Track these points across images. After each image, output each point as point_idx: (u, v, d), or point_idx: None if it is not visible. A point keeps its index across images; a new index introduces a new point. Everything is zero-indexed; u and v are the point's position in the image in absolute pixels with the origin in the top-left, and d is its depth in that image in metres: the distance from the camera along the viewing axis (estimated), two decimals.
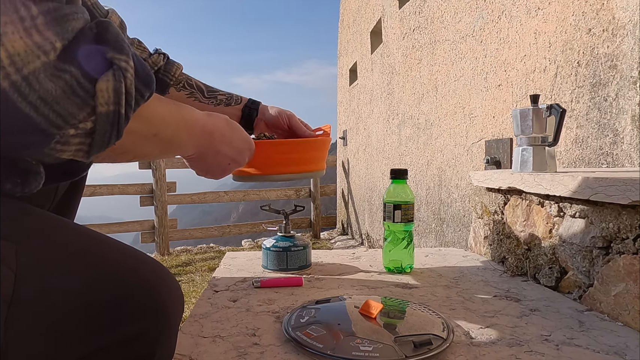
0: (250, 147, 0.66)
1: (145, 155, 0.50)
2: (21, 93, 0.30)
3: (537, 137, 0.94)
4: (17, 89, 0.29)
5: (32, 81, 0.30)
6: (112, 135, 0.36)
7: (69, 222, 0.45)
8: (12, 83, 0.29)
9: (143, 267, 0.44)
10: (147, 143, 0.46)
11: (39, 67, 0.30)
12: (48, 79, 0.31)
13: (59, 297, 0.37)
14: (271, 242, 0.97)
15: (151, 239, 4.22)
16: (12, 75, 0.29)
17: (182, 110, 0.52)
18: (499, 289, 0.81)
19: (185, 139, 0.53)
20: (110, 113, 0.34)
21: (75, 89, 0.32)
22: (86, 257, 0.41)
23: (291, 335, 0.58)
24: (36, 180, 0.37)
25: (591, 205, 0.72)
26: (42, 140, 0.32)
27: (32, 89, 0.30)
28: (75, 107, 0.32)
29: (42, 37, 0.30)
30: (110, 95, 0.34)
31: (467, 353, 0.55)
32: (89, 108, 0.33)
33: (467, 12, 2.09)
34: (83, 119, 0.33)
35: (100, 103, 0.34)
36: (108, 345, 0.40)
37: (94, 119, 0.34)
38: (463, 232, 2.16)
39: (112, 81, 0.34)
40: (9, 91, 0.29)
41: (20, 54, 0.29)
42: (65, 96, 0.32)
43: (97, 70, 0.34)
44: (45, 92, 0.31)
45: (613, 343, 0.58)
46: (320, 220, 5.04)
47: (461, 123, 2.17)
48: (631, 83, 1.14)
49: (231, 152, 0.61)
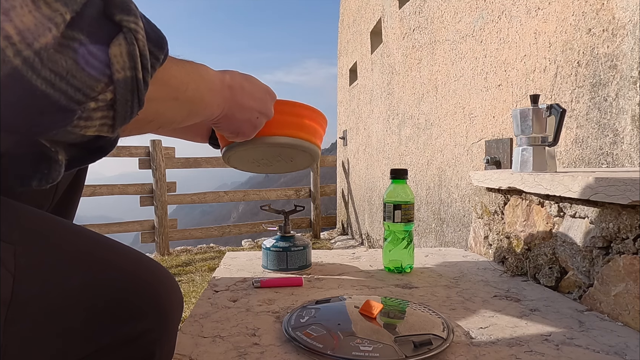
0: (272, 96, 0.62)
1: (171, 121, 0.47)
2: (34, 69, 0.28)
3: (537, 137, 0.94)
4: (30, 66, 0.28)
5: (44, 56, 0.28)
6: (133, 103, 0.34)
7: (68, 223, 0.45)
8: (24, 60, 0.28)
9: (142, 267, 0.44)
10: (170, 107, 0.45)
11: (50, 41, 0.29)
12: (58, 52, 0.29)
13: (58, 298, 0.37)
14: (271, 242, 0.97)
15: (151, 239, 4.22)
16: (24, 51, 0.28)
17: (199, 69, 0.49)
18: (499, 289, 0.81)
19: (208, 98, 0.51)
20: (128, 79, 0.33)
21: (88, 59, 0.31)
22: (85, 258, 0.41)
23: (291, 335, 0.58)
24: (56, 169, 0.35)
25: (591, 205, 0.72)
26: (64, 118, 0.31)
27: (44, 64, 0.28)
28: (92, 78, 0.31)
29: (50, 9, 0.29)
30: (125, 60, 0.33)
31: (467, 353, 0.55)
32: (106, 77, 0.32)
33: (467, 12, 2.09)
34: (102, 90, 0.32)
35: (116, 69, 0.32)
36: (108, 345, 0.40)
37: (112, 89, 0.32)
38: (463, 232, 2.16)
39: (125, 45, 0.33)
40: (21, 68, 0.28)
41: (30, 28, 0.28)
42: (79, 67, 0.30)
43: (108, 36, 0.32)
44: (58, 66, 0.29)
45: (613, 343, 0.58)
46: (320, 220, 5.04)
47: (461, 123, 2.17)
48: (631, 83, 1.14)
49: (256, 104, 0.59)
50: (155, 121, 0.44)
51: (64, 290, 0.38)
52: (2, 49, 0.27)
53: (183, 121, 0.49)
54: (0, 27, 0.27)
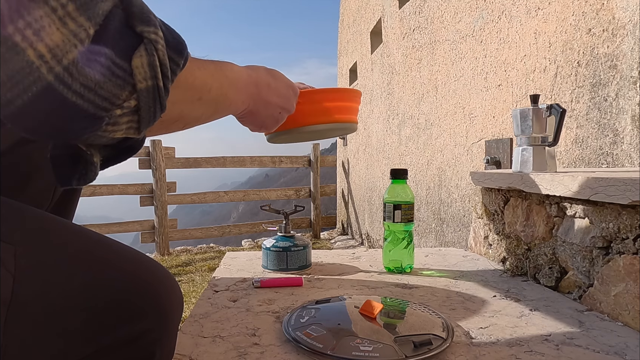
0: (295, 92, 0.65)
1: (197, 119, 0.50)
2: (65, 84, 0.31)
3: (537, 137, 0.94)
4: (61, 81, 0.30)
5: (73, 70, 0.31)
6: (156, 109, 0.37)
7: (68, 223, 0.45)
8: (56, 75, 0.30)
9: (142, 267, 0.44)
10: (195, 108, 0.47)
11: (77, 56, 0.31)
12: (86, 65, 0.31)
13: (59, 298, 0.37)
14: (271, 242, 0.97)
15: (151, 239, 4.22)
16: (55, 68, 0.30)
17: (223, 69, 0.51)
18: (499, 289, 0.81)
19: (232, 96, 0.53)
20: (150, 88, 0.35)
21: (114, 70, 0.33)
22: (85, 259, 0.41)
23: (291, 335, 0.58)
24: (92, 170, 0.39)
25: (591, 205, 0.72)
26: (92, 125, 0.34)
27: (74, 78, 0.31)
28: (117, 87, 0.33)
29: (76, 24, 0.31)
30: (146, 71, 0.35)
31: (467, 353, 0.55)
32: (130, 86, 0.34)
33: (467, 12, 2.09)
34: (126, 98, 0.34)
35: (138, 80, 0.34)
36: (108, 346, 0.40)
37: (136, 97, 0.35)
38: (463, 232, 2.16)
39: (146, 56, 0.34)
40: (54, 84, 0.30)
41: (59, 45, 0.30)
42: (106, 79, 0.33)
43: (130, 47, 0.34)
44: (86, 79, 0.31)
45: (613, 343, 0.58)
46: (320, 220, 5.04)
47: (461, 123, 2.17)
48: (631, 83, 1.14)
49: (279, 101, 0.61)
50: (181, 120, 0.47)
51: (64, 290, 0.38)
52: (37, 67, 0.30)
53: (209, 119, 0.52)
54: (34, 47, 0.29)
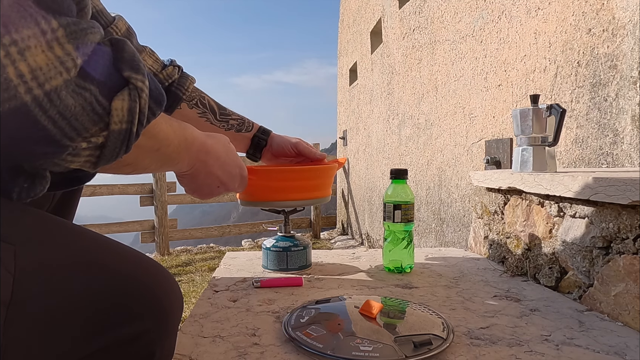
0: (242, 174, 0.68)
1: (145, 168, 0.50)
2: (42, 108, 0.30)
3: (537, 137, 0.94)
4: (38, 104, 0.30)
5: (54, 97, 0.30)
6: (120, 150, 0.37)
7: (68, 223, 0.45)
8: (34, 98, 0.30)
9: (142, 267, 0.44)
10: (149, 157, 0.47)
11: (61, 84, 0.31)
12: (70, 96, 0.31)
13: (58, 298, 0.37)
14: (271, 242, 0.97)
15: (151, 239, 4.22)
16: (34, 90, 0.30)
17: (184, 129, 0.53)
18: (499, 289, 0.81)
19: (183, 156, 0.54)
20: (122, 131, 0.35)
21: (94, 107, 0.33)
22: (85, 259, 0.41)
23: (291, 335, 0.58)
24: (42, 184, 0.38)
25: (591, 205, 0.72)
26: (55, 152, 0.33)
27: (53, 104, 0.31)
28: (91, 122, 0.33)
29: (63, 51, 0.31)
30: (124, 115, 0.35)
31: (467, 353, 0.55)
32: (103, 124, 0.34)
33: (467, 12, 2.09)
34: (95, 133, 0.34)
35: (114, 121, 0.34)
36: (108, 346, 0.40)
37: (105, 134, 0.35)
38: (463, 232, 2.16)
39: (128, 100, 0.35)
40: (30, 105, 0.30)
41: (42, 68, 0.30)
42: (85, 112, 0.32)
43: (114, 88, 0.34)
44: (65, 108, 0.31)
45: (613, 343, 0.58)
46: (320, 220, 5.04)
47: (461, 123, 2.17)
48: (631, 83, 1.14)
49: (223, 176, 0.63)
50: (133, 165, 0.46)
51: (64, 290, 0.38)
52: (15, 85, 0.29)
53: (155, 170, 0.53)
54: (15, 65, 0.29)
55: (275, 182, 0.86)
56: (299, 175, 0.88)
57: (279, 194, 0.87)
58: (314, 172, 0.88)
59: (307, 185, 0.88)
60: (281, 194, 0.87)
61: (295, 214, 0.99)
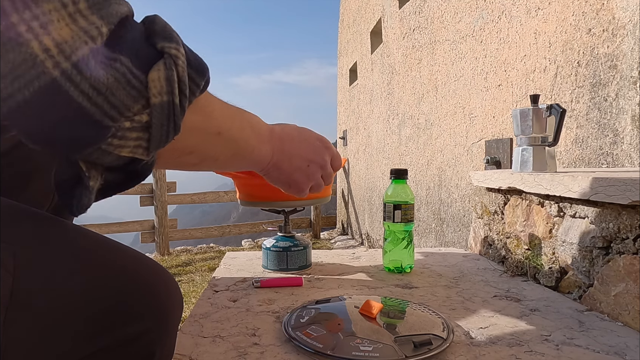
0: (325, 144, 0.61)
1: (214, 158, 0.47)
2: (72, 81, 0.29)
3: (537, 137, 0.94)
4: (68, 77, 0.29)
5: (83, 68, 0.29)
6: (169, 128, 0.35)
7: (68, 223, 0.45)
8: (62, 71, 0.28)
9: (142, 267, 0.44)
10: (212, 143, 0.44)
11: (87, 53, 0.29)
12: (99, 67, 0.30)
13: (58, 299, 0.37)
14: (271, 242, 0.97)
15: (151, 239, 4.22)
16: (62, 63, 0.28)
17: (245, 113, 0.49)
18: (499, 289, 0.81)
19: (252, 141, 0.50)
20: (164, 104, 0.33)
21: (129, 79, 0.31)
22: (85, 259, 0.41)
23: (291, 335, 0.58)
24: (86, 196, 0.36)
25: (591, 205, 0.72)
26: (97, 134, 0.31)
27: (83, 76, 0.29)
28: (130, 98, 0.31)
29: (87, 22, 0.29)
30: (162, 85, 0.33)
31: (467, 353, 0.55)
32: (144, 100, 0.32)
33: (467, 12, 2.09)
34: (138, 111, 0.32)
35: (153, 94, 0.32)
36: (108, 346, 0.40)
37: (149, 111, 0.33)
38: (463, 232, 2.16)
39: (164, 70, 0.33)
40: (60, 80, 0.28)
41: (68, 40, 0.29)
42: (120, 86, 0.31)
43: (149, 60, 0.33)
44: (97, 81, 0.30)
45: (613, 343, 0.58)
46: (320, 220, 5.04)
47: (461, 123, 2.17)
48: (631, 83, 1.14)
49: (307, 153, 0.58)
50: (195, 154, 0.44)
51: (64, 290, 0.38)
52: (41, 61, 0.28)
53: (227, 161, 0.49)
54: (39, 39, 0.28)
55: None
56: None
57: (279, 194, 0.87)
58: None
59: None
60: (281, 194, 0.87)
61: (295, 214, 0.99)
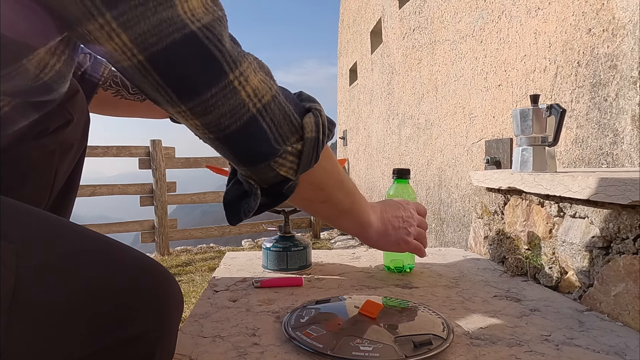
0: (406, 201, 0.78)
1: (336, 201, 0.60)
2: (262, 116, 0.45)
3: (537, 137, 0.94)
4: (260, 114, 0.44)
5: (268, 108, 0.45)
6: (312, 157, 0.49)
7: (68, 222, 0.45)
8: (258, 110, 0.44)
9: (142, 267, 0.44)
10: (337, 187, 0.59)
11: (270, 99, 0.45)
12: (276, 108, 0.46)
13: (59, 298, 0.37)
14: (271, 242, 0.96)
15: (151, 239, 4.22)
16: (257, 104, 0.44)
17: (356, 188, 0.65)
18: (499, 289, 0.81)
19: (364, 204, 0.65)
20: (313, 139, 0.48)
21: (292, 119, 0.47)
22: (86, 258, 0.41)
23: (291, 335, 0.58)
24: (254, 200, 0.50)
25: (591, 205, 0.72)
26: (270, 152, 0.46)
27: (268, 113, 0.45)
28: (290, 132, 0.47)
29: (268, 76, 0.46)
30: (312, 126, 0.48)
31: (467, 353, 0.55)
32: (298, 135, 0.48)
33: (467, 12, 2.09)
34: (296, 141, 0.48)
35: (307, 131, 0.48)
36: (108, 345, 0.40)
37: (302, 143, 0.48)
38: (463, 232, 2.16)
39: (313, 117, 0.49)
40: (256, 115, 0.44)
41: (258, 88, 0.44)
42: (286, 122, 0.47)
43: (302, 112, 0.49)
44: (274, 117, 0.45)
45: (613, 343, 0.58)
46: (320, 220, 5.03)
47: (461, 123, 2.17)
48: (631, 83, 1.14)
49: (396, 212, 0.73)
50: (325, 191, 0.58)
51: (65, 290, 0.38)
52: (246, 103, 0.44)
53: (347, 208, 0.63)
54: (245, 89, 0.43)
55: None
56: None
57: None
58: None
59: None
60: None
61: (295, 214, 0.99)
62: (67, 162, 0.66)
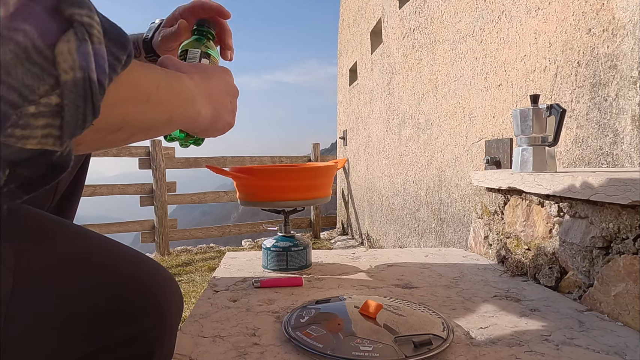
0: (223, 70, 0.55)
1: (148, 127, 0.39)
2: None
3: (537, 137, 0.94)
4: None
5: None
6: (86, 111, 0.28)
7: (68, 223, 0.45)
8: None
9: (142, 267, 0.45)
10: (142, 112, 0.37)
11: None
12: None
13: (58, 298, 0.37)
14: (271, 242, 0.96)
15: (151, 239, 4.22)
16: None
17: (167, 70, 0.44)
18: (499, 289, 0.81)
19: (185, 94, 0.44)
20: (78, 81, 0.27)
21: (31, 54, 0.25)
22: (85, 258, 0.41)
23: (291, 335, 0.58)
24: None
25: (591, 205, 0.72)
26: None
27: None
28: (32, 77, 0.25)
29: None
30: (74, 59, 0.27)
31: (467, 353, 0.55)
32: (52, 78, 0.26)
33: (467, 12, 2.09)
34: (45, 93, 0.26)
35: (63, 69, 0.26)
36: (107, 345, 0.40)
37: (59, 92, 0.26)
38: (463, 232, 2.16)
39: (75, 41, 0.27)
40: None
41: None
42: (19, 62, 0.24)
43: (56, 30, 0.26)
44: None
45: (613, 343, 0.58)
46: (320, 220, 5.04)
47: (461, 123, 2.17)
48: (631, 83, 1.14)
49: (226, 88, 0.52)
50: (125, 129, 0.35)
51: (65, 289, 0.38)
52: None
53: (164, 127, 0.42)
54: None
55: (275, 182, 0.87)
56: (299, 175, 0.88)
57: (279, 194, 0.88)
58: (313, 171, 0.89)
59: (307, 185, 0.89)
60: (281, 194, 0.88)
61: (295, 214, 0.99)
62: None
